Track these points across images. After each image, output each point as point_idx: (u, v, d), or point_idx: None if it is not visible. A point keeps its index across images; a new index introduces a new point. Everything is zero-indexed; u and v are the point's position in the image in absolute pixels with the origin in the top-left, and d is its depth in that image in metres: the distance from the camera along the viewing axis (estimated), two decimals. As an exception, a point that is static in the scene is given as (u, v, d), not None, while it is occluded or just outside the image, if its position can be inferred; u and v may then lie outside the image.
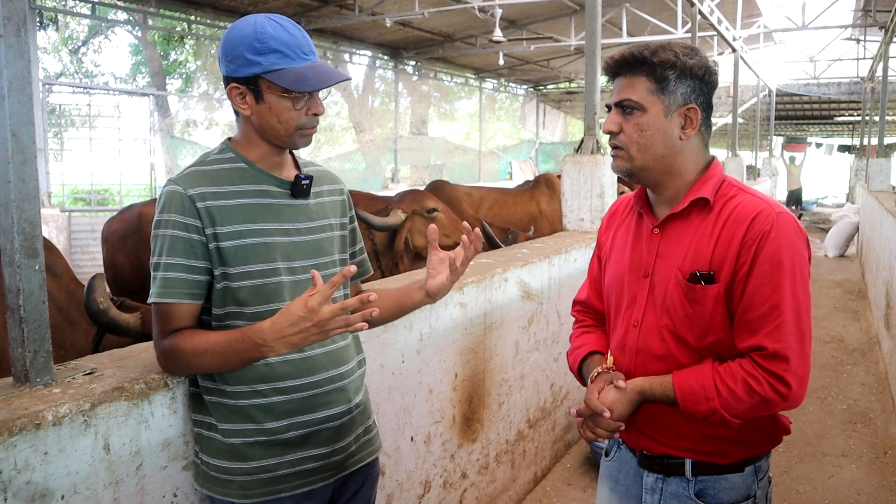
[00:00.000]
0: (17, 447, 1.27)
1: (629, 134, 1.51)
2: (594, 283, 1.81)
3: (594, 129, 4.42)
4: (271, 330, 1.37)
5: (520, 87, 22.71)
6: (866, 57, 16.99)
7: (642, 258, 1.58)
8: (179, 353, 1.46)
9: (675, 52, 1.47)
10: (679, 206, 1.52)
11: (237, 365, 1.46)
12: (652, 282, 1.55)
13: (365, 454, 1.70)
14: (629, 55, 1.49)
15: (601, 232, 1.80)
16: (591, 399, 1.53)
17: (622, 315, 1.62)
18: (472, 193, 6.79)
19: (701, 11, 8.37)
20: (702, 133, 1.53)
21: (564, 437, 3.87)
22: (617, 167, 1.56)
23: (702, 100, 1.50)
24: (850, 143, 24.07)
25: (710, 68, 1.51)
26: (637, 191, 1.65)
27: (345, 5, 11.88)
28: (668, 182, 1.54)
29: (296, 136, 1.53)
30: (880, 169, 11.24)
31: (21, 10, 1.41)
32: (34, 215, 1.44)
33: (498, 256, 3.44)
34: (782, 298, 1.40)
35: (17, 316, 1.43)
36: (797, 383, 1.40)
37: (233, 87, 1.50)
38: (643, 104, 1.48)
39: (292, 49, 1.47)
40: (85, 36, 19.51)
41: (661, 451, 1.57)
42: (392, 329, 2.32)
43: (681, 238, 1.52)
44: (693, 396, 1.44)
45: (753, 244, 1.41)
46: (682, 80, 1.48)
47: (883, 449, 4.04)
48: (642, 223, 1.62)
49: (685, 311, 1.49)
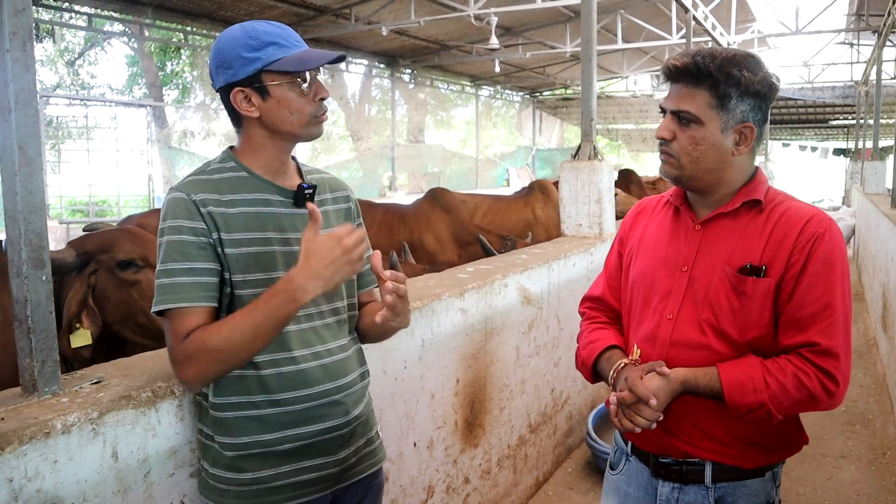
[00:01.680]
0: (28, 456, 1.29)
1: (682, 144, 1.51)
2: (611, 280, 1.78)
3: (591, 134, 4.45)
4: (302, 272, 1.38)
5: (516, 94, 22.78)
6: (860, 61, 17.09)
7: (681, 253, 1.57)
8: (208, 346, 1.39)
9: (741, 67, 1.44)
10: (730, 206, 1.53)
11: (270, 332, 1.41)
12: (691, 276, 1.54)
13: (365, 466, 1.67)
14: (693, 66, 1.46)
15: (626, 229, 1.78)
16: (636, 385, 1.47)
17: (653, 308, 1.59)
18: (466, 201, 6.81)
19: (695, 17, 8.42)
20: (753, 148, 1.53)
21: (566, 441, 3.88)
22: (665, 172, 1.56)
23: (759, 117, 1.50)
24: (844, 146, 24.20)
25: (772, 85, 1.49)
26: (676, 189, 1.64)
27: (341, 14, 11.92)
28: (715, 190, 1.55)
29: (310, 125, 1.52)
30: (875, 172, 11.31)
31: (27, 25, 1.42)
32: (41, 227, 1.45)
33: (498, 262, 3.46)
34: (834, 298, 1.42)
35: (24, 326, 1.44)
36: (843, 382, 1.42)
37: (237, 92, 1.47)
38: (701, 118, 1.47)
39: (286, 39, 1.48)
40: (81, 48, 19.55)
41: (684, 452, 1.55)
42: (394, 335, 2.33)
43: (727, 235, 1.52)
44: (741, 389, 1.42)
45: (808, 245, 1.43)
46: (743, 99, 1.46)
47: (882, 450, 4.06)
48: (680, 220, 1.62)
49: (731, 304, 1.48)
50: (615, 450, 1.75)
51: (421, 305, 2.47)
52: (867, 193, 10.52)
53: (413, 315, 2.42)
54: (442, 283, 2.83)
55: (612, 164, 4.73)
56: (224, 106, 1.54)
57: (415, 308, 2.43)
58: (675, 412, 1.52)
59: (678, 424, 1.54)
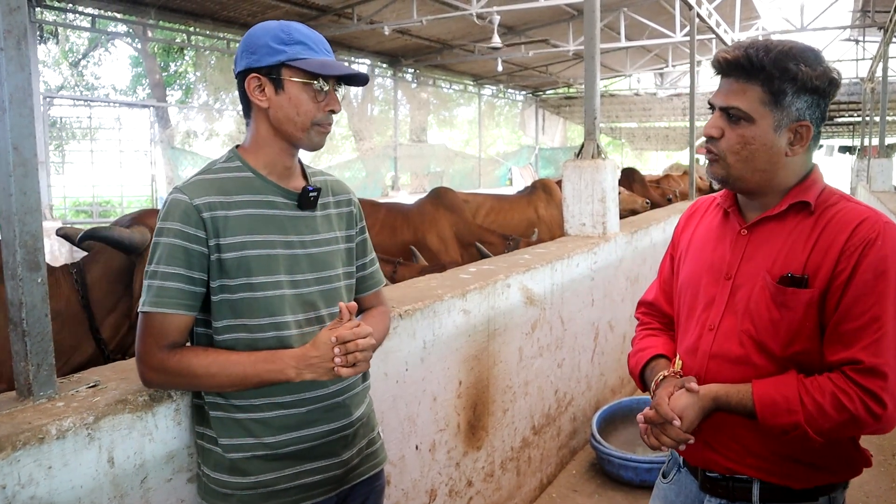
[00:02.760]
0: (21, 462, 1.27)
1: (730, 143, 1.40)
2: (664, 284, 1.72)
3: (594, 133, 4.42)
4: (302, 360, 1.45)
5: (519, 93, 22.76)
6: (865, 58, 17.04)
7: (725, 259, 1.48)
8: (188, 372, 1.43)
9: (798, 61, 1.33)
10: (777, 209, 1.43)
11: (249, 385, 1.46)
12: (734, 284, 1.45)
13: (368, 467, 1.68)
14: (745, 59, 1.36)
15: (677, 232, 1.70)
16: (661, 405, 1.40)
17: (696, 318, 1.51)
18: (469, 201, 6.79)
19: (699, 14, 8.38)
20: (809, 148, 1.42)
21: (569, 443, 3.85)
22: (711, 172, 1.46)
23: (817, 114, 1.39)
24: (850, 143, 24.12)
25: (833, 80, 1.37)
26: (726, 190, 1.55)
27: (343, 14, 11.92)
28: (765, 191, 1.45)
29: (312, 131, 1.52)
30: (882, 169, 11.26)
31: (21, 24, 1.40)
32: (36, 228, 1.43)
33: (500, 262, 3.44)
34: (884, 311, 1.29)
35: (19, 329, 1.42)
36: (893, 404, 1.28)
37: (252, 78, 1.49)
38: (753, 115, 1.37)
39: (316, 44, 1.50)
40: (85, 49, 19.59)
41: (728, 468, 1.46)
42: (396, 337, 2.31)
43: (772, 240, 1.42)
44: (773, 408, 1.33)
45: (856, 251, 1.31)
46: (800, 95, 1.36)
47: (891, 451, 4.03)
48: (728, 223, 1.52)
49: (771, 316, 1.38)
50: (669, 458, 1.69)
51: (423, 306, 2.45)
52: (873, 191, 10.46)
53: (415, 316, 2.40)
54: (444, 284, 2.81)
55: (616, 162, 4.70)
56: (238, 92, 1.55)
57: (416, 309, 2.41)
58: (716, 427, 1.45)
59: (721, 439, 1.46)
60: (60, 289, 2.69)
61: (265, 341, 1.49)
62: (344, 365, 1.42)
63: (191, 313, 1.46)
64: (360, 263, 1.71)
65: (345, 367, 1.43)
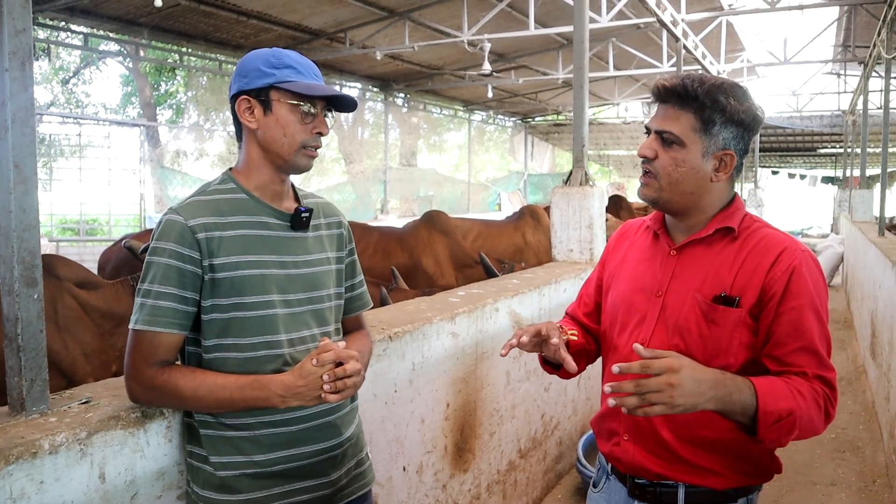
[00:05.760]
0: (13, 476, 1.27)
1: (663, 164, 1.51)
2: (585, 297, 1.81)
3: (582, 160, 4.49)
4: (289, 388, 1.45)
5: (508, 120, 22.98)
6: (847, 91, 17.36)
7: (656, 278, 1.57)
8: (175, 392, 1.45)
9: (728, 95, 1.46)
10: (703, 233, 1.53)
11: (235, 409, 1.48)
12: (664, 302, 1.54)
13: (356, 487, 1.69)
14: (681, 88, 1.47)
15: (607, 251, 1.79)
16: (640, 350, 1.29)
17: (629, 333, 1.59)
18: (458, 226, 6.83)
19: (685, 46, 8.56)
20: (732, 176, 1.54)
21: (555, 467, 3.86)
22: (643, 194, 1.56)
23: (741, 146, 1.51)
24: (833, 174, 24.49)
25: (756, 116, 1.50)
26: (655, 213, 1.65)
27: (336, 38, 12.04)
28: (691, 214, 1.56)
29: (299, 154, 1.56)
30: (863, 200, 11.43)
31: (26, 45, 1.44)
32: (34, 245, 1.45)
33: (489, 287, 3.47)
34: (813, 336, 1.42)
35: (14, 345, 1.44)
36: (834, 413, 1.42)
37: (242, 100, 1.53)
38: (684, 140, 1.48)
39: (305, 68, 1.55)
40: (76, 66, 19.61)
41: (658, 474, 1.54)
42: (385, 359, 2.33)
43: (700, 262, 1.52)
44: (773, 394, 1.36)
45: (783, 277, 1.43)
46: (727, 126, 1.47)
47: (871, 477, 4.06)
48: (658, 245, 1.62)
49: (700, 332, 1.48)
50: (598, 468, 1.76)
51: (412, 329, 2.47)
52: (855, 221, 10.62)
53: (404, 338, 2.42)
54: (433, 307, 2.83)
55: (603, 189, 4.76)
56: (232, 116, 1.60)
57: (406, 331, 2.43)
58: (645, 431, 1.53)
59: (650, 444, 1.54)
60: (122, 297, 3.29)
61: (256, 360, 1.51)
62: (332, 391, 1.44)
63: (182, 332, 1.48)
64: (348, 284, 1.74)
65: (333, 394, 1.44)
